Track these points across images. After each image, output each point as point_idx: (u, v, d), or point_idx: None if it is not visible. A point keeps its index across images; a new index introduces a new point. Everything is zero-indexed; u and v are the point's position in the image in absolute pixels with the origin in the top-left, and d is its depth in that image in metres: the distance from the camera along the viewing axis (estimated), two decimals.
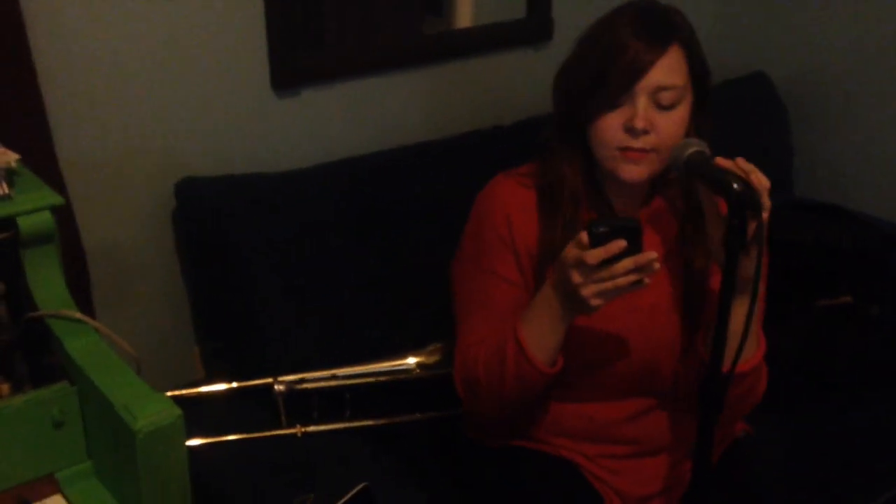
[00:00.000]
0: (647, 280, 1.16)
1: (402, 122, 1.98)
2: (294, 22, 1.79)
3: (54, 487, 1.16)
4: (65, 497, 1.15)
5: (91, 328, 1.18)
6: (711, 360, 1.18)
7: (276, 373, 1.65)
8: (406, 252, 1.84)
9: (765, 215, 1.13)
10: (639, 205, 1.38)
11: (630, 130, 1.25)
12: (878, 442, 1.86)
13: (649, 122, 1.24)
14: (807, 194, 2.39)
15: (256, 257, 1.71)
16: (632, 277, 1.15)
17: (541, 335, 1.25)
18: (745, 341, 1.14)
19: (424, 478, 1.60)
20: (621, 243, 1.13)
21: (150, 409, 1.04)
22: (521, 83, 2.14)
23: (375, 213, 1.82)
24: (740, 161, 1.17)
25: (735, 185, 1.13)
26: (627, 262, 1.14)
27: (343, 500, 1.00)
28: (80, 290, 1.59)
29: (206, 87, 1.72)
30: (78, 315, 1.18)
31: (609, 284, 1.15)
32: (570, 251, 1.17)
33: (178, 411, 1.05)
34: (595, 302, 1.17)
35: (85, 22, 1.55)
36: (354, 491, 1.01)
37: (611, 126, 1.26)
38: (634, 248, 1.14)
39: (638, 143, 1.25)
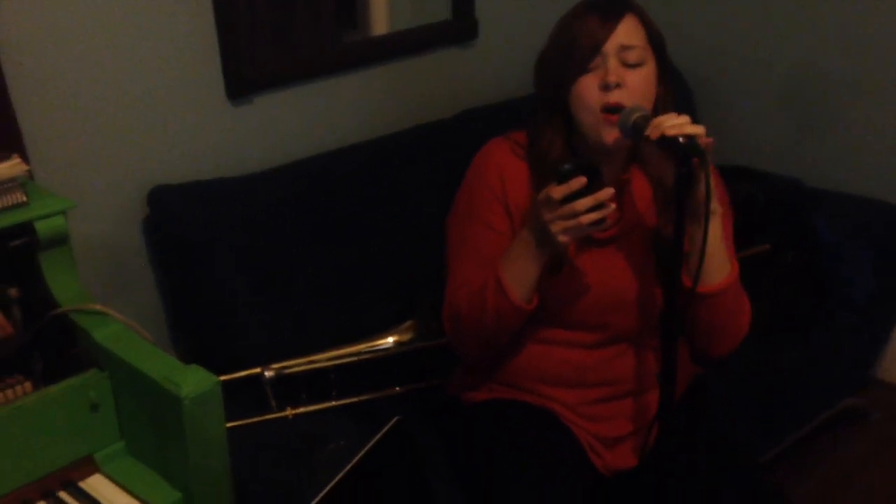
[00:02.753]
0: (608, 221, 1.31)
1: (352, 122, 2.12)
2: (242, 36, 1.90)
3: (93, 467, 1.24)
4: (105, 476, 1.23)
5: (113, 318, 1.27)
6: (666, 288, 1.35)
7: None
8: (370, 246, 1.97)
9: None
10: (618, 172, 1.52)
11: (605, 86, 1.40)
12: (802, 374, 2.09)
13: (620, 77, 1.41)
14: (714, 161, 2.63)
15: (229, 260, 1.81)
16: (593, 216, 1.30)
17: (517, 272, 1.40)
18: (702, 264, 1.33)
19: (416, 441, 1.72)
20: (582, 180, 1.28)
21: (190, 377, 1.14)
22: (455, 79, 2.30)
23: (337, 210, 1.94)
24: (673, 114, 1.34)
25: (680, 139, 1.31)
26: (587, 200, 1.29)
27: (378, 435, 1.10)
28: None
29: (166, 101, 1.82)
30: (99, 307, 1.26)
31: (572, 222, 1.31)
32: (543, 191, 1.32)
33: (216, 378, 1.15)
34: (562, 238, 1.33)
35: (53, 49, 1.64)
36: (389, 425, 1.11)
37: (588, 87, 1.42)
38: (595, 186, 1.30)
39: (614, 97, 1.40)
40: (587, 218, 1.30)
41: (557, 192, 1.30)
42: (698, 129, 1.31)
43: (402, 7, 2.35)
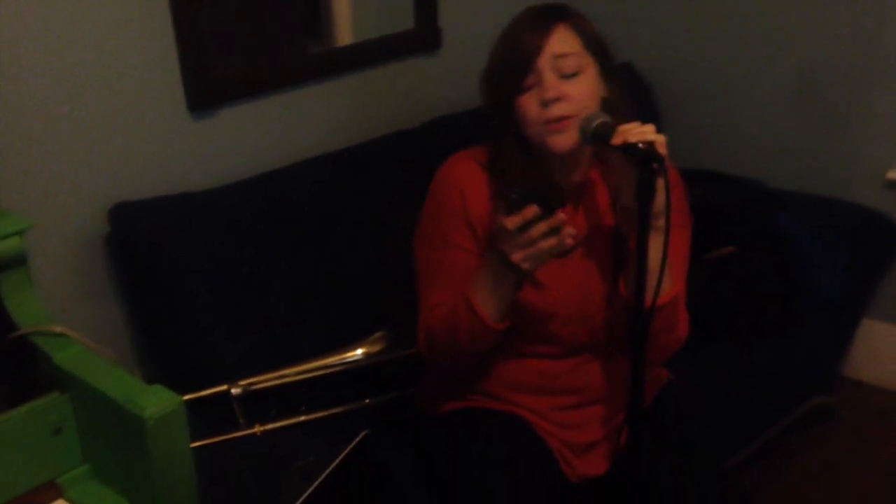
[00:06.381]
0: (569, 242, 1.31)
1: (319, 134, 2.11)
2: (203, 48, 1.88)
3: (56, 492, 1.22)
4: (68, 500, 1.21)
5: (73, 339, 1.24)
6: (635, 298, 1.35)
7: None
8: (338, 257, 1.96)
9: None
10: (577, 178, 1.53)
11: (543, 103, 1.41)
12: (773, 373, 2.10)
13: (558, 90, 1.41)
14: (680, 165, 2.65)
15: (195, 275, 1.79)
16: (551, 241, 1.30)
17: (487, 296, 1.40)
18: (663, 276, 1.32)
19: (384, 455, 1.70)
20: (534, 208, 1.28)
21: (153, 398, 1.12)
22: (419, 89, 2.30)
23: (304, 222, 1.93)
24: (637, 123, 1.35)
25: (640, 145, 1.32)
26: (542, 226, 1.29)
27: (346, 451, 1.09)
28: None
29: (125, 116, 1.79)
30: (60, 329, 1.24)
31: (532, 250, 1.31)
32: (497, 221, 1.32)
33: (179, 398, 1.13)
34: (525, 266, 1.33)
35: (6, 61, 1.60)
36: (356, 440, 1.10)
37: (529, 106, 1.43)
38: (547, 212, 1.29)
39: (553, 113, 1.41)
40: (546, 244, 1.30)
41: (511, 222, 1.29)
42: (660, 138, 1.32)
43: (367, 17, 2.33)
